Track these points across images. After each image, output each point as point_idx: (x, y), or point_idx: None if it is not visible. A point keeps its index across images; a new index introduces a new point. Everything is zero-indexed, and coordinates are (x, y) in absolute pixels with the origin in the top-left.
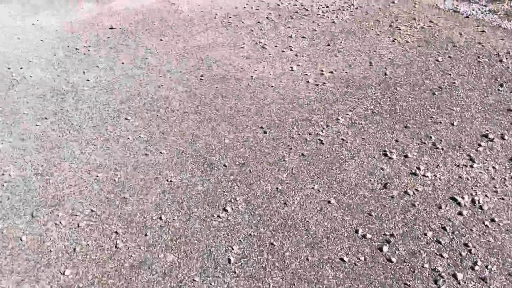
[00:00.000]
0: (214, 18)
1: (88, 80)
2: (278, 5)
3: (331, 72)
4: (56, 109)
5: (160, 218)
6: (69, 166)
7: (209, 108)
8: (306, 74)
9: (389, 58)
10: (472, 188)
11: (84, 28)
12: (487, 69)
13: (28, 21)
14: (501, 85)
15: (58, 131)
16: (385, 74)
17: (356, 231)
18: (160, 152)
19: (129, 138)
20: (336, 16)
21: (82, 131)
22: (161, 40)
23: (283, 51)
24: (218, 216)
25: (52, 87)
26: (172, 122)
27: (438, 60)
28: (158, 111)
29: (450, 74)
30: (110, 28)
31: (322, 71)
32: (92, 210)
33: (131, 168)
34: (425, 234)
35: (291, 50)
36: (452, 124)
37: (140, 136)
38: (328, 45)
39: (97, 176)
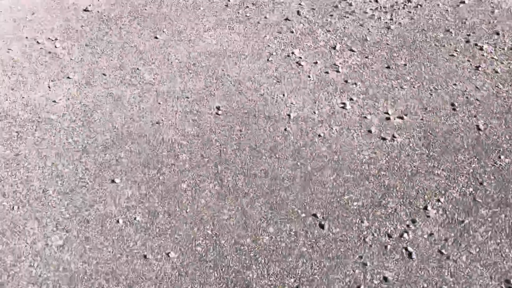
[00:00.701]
0: (226, 6)
1: (55, 101)
2: None
3: (401, 118)
4: (7, 154)
5: None
6: (29, 274)
7: (234, 170)
8: (365, 117)
9: (477, 100)
10: None
11: (50, 8)
12: None
13: None
14: None
15: (11, 200)
16: (478, 128)
17: None
18: (167, 255)
19: (118, 222)
20: (391, 19)
21: (48, 199)
22: (156, 38)
23: (326, 72)
24: None
25: (4, 113)
26: (182, 193)
27: None
28: (159, 170)
29: None
30: (84, 11)
31: (388, 113)
32: None
33: (125, 286)
34: None
35: (338, 71)
36: None
37: (135, 219)
38: (388, 67)
39: None
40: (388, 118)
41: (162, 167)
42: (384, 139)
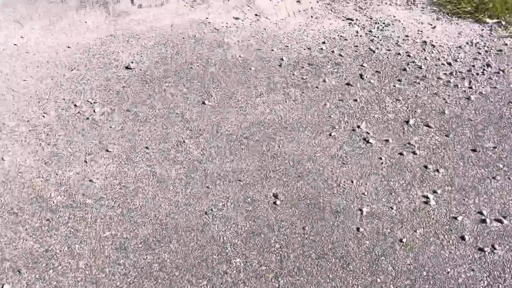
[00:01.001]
0: (279, 66)
1: (91, 180)
2: (372, 50)
3: (499, 221)
4: (36, 248)
5: None
6: None
7: (298, 286)
8: (455, 218)
9: None
10: None
11: (88, 62)
12: None
13: (7, 37)
14: None
15: None
16: None
17: None
18: None
19: None
20: (470, 87)
21: None
22: (204, 103)
23: (401, 153)
24: None
25: (35, 194)
26: None
27: None
28: (210, 280)
29: None
30: (126, 68)
31: (482, 213)
32: None
33: None
34: None
35: (415, 153)
36: None
37: None
38: (474, 149)
39: None
40: (483, 221)
41: (213, 277)
42: (481, 250)
